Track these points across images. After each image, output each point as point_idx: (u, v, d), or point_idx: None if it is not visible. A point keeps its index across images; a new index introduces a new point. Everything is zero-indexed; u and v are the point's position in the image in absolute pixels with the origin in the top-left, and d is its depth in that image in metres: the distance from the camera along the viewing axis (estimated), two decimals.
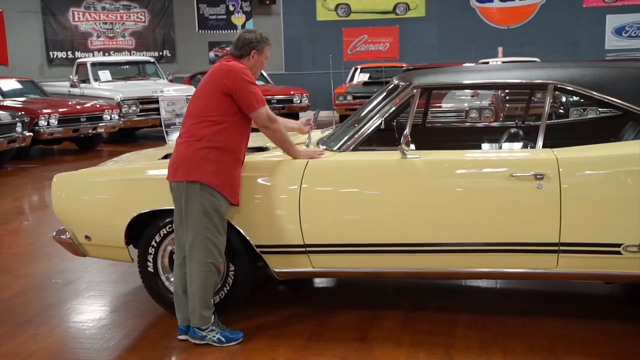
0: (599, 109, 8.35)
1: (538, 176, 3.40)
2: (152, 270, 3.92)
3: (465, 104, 10.24)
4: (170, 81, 15.13)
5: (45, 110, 11.55)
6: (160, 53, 19.63)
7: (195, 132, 3.49)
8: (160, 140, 12.43)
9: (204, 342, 3.55)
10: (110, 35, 19.39)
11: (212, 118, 3.47)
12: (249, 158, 3.76)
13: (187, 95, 13.48)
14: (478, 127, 5.54)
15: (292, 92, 15.49)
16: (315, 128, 4.16)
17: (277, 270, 3.78)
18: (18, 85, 13.10)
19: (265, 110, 3.52)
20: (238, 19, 19.58)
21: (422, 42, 18.81)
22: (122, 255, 4.01)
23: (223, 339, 3.55)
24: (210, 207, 3.44)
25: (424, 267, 3.65)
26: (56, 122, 11.60)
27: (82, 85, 14.04)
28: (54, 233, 4.26)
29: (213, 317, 3.58)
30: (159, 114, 12.53)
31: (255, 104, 3.49)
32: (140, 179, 3.97)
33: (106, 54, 18.95)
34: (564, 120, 7.08)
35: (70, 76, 14.24)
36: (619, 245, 3.37)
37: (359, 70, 16.17)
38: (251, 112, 3.51)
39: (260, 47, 3.61)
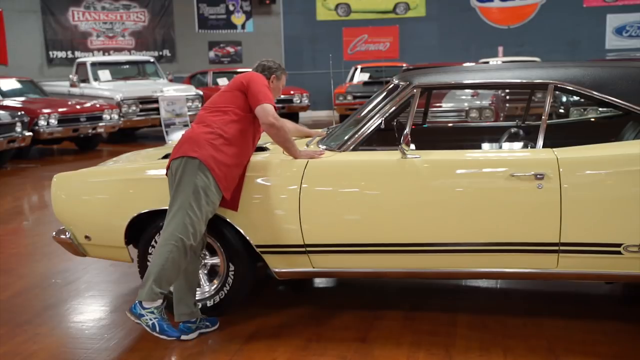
0: (599, 109, 8.35)
1: (538, 176, 3.40)
2: None
3: (466, 104, 10.24)
4: (170, 81, 15.13)
5: (45, 110, 11.56)
6: (160, 53, 19.63)
7: (205, 119, 3.65)
8: (160, 140, 12.43)
9: (138, 321, 3.48)
10: (110, 35, 19.39)
11: (224, 109, 3.64)
12: None
13: (187, 95, 13.50)
14: (478, 127, 5.54)
15: (292, 92, 15.49)
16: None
17: (277, 270, 3.78)
18: (18, 85, 13.10)
19: (270, 107, 3.57)
20: (238, 18, 19.57)
21: (422, 42, 18.82)
22: (122, 255, 4.01)
23: (157, 327, 3.48)
24: (202, 187, 3.46)
25: (424, 267, 3.65)
26: (56, 122, 11.60)
27: (82, 85, 14.05)
28: (54, 233, 4.26)
29: (161, 301, 3.50)
30: (159, 114, 12.54)
31: (262, 99, 3.57)
32: (140, 179, 3.96)
33: (106, 54, 18.95)
34: (564, 120, 7.07)
35: (70, 76, 14.24)
36: (619, 245, 3.37)
37: (359, 70, 16.17)
38: (256, 106, 3.56)
39: (278, 74, 3.86)
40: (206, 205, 3.49)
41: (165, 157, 4.00)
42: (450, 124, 6.88)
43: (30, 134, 10.98)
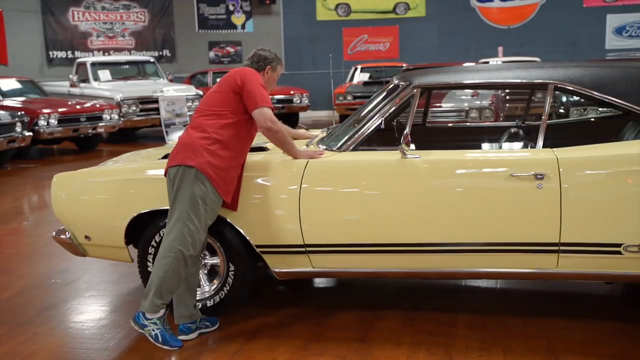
0: (599, 109, 8.35)
1: (538, 176, 3.40)
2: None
3: (465, 104, 10.24)
4: (170, 81, 15.13)
5: (45, 110, 11.56)
6: (160, 53, 19.62)
7: (200, 124, 3.58)
8: (160, 140, 12.42)
9: (142, 331, 3.50)
10: (110, 35, 19.39)
11: (219, 112, 3.56)
12: (249, 158, 3.76)
13: (187, 95, 13.50)
14: (478, 127, 5.54)
15: (292, 92, 15.48)
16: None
17: (277, 270, 3.78)
18: (18, 85, 13.10)
19: (268, 111, 3.53)
20: (238, 18, 19.58)
21: (422, 42, 18.82)
22: (122, 255, 4.01)
23: (160, 338, 3.48)
24: (200, 195, 3.44)
25: (424, 267, 3.65)
26: (56, 122, 11.60)
27: (82, 85, 14.05)
28: (54, 233, 4.26)
29: (163, 311, 3.51)
30: (159, 114, 12.53)
31: (259, 101, 3.52)
32: (140, 179, 3.96)
33: (106, 54, 18.95)
34: (564, 120, 7.07)
35: (70, 76, 14.24)
36: (619, 245, 3.37)
37: (359, 70, 16.17)
38: (254, 110, 3.52)
39: (274, 64, 3.78)
40: (205, 213, 3.47)
41: (165, 157, 4.00)
42: (450, 124, 6.88)
43: (30, 134, 10.98)
